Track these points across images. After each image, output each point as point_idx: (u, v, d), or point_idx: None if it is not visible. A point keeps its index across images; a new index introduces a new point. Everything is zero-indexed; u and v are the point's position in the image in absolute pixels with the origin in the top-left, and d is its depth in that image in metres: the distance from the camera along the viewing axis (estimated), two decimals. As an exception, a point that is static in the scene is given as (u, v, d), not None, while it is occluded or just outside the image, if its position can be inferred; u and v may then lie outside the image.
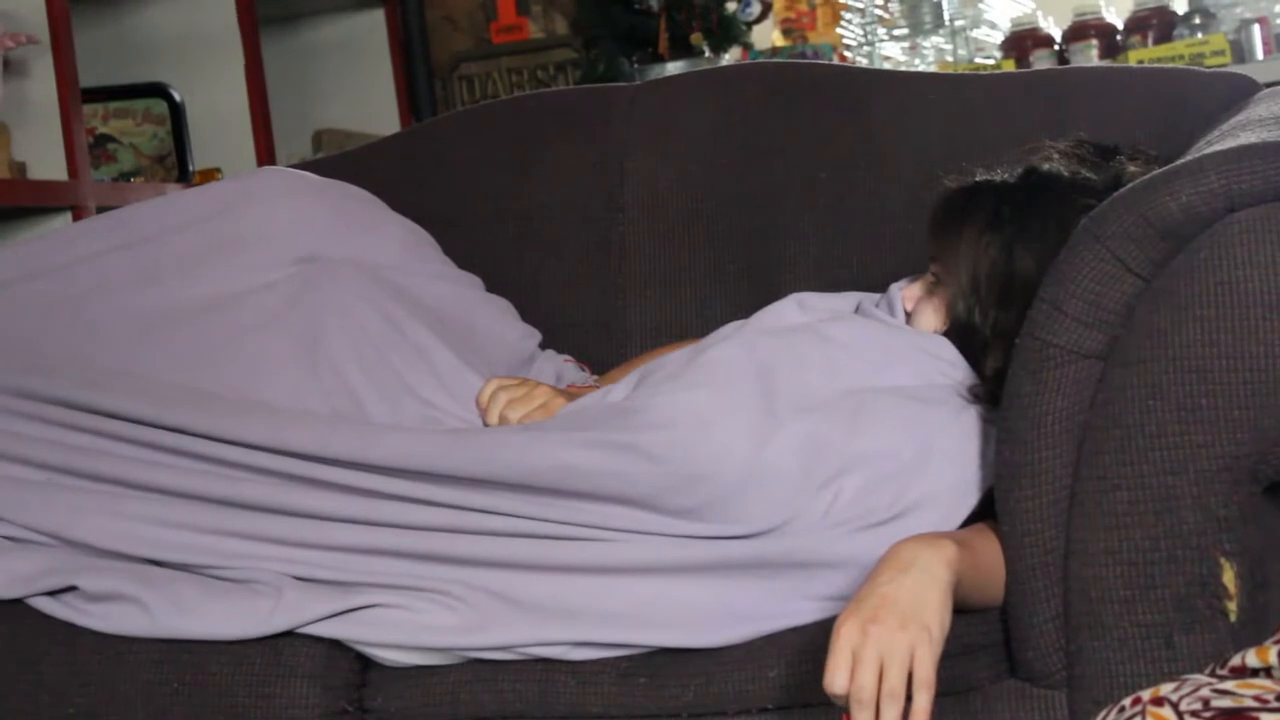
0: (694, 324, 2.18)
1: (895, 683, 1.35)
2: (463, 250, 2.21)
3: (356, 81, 4.41)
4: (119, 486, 1.79)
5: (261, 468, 1.74)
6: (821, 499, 1.64)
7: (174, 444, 1.77)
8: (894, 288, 1.88)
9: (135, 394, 1.79)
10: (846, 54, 4.55)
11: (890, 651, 1.36)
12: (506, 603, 1.67)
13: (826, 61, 4.29)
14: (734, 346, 1.73)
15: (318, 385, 1.85)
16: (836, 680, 1.36)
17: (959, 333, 1.77)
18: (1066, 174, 1.77)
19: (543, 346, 2.17)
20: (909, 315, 1.84)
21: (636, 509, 1.65)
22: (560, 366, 2.13)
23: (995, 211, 1.77)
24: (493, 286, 2.19)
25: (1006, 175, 1.82)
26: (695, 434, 1.63)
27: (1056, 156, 1.81)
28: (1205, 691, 1.05)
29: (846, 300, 1.92)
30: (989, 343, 1.73)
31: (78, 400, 1.80)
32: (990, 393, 1.68)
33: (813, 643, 1.56)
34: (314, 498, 1.72)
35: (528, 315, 2.18)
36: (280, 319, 1.90)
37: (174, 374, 1.86)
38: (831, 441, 1.64)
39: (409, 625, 1.67)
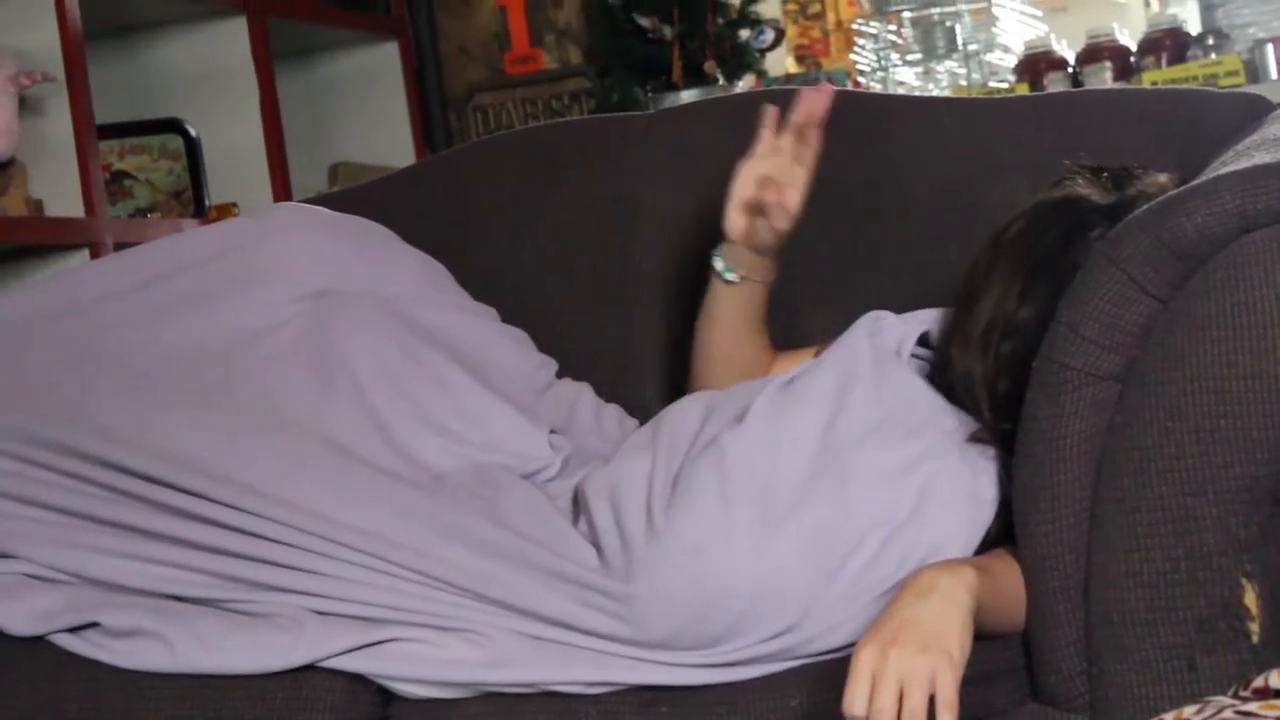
0: (711, 352, 2.17)
1: (916, 705, 1.35)
2: (478, 282, 2.21)
3: (371, 114, 4.41)
4: (138, 533, 1.78)
5: (280, 540, 1.73)
6: (834, 588, 1.62)
7: (192, 508, 1.75)
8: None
9: (152, 452, 1.77)
10: (860, 80, 4.56)
11: (911, 675, 1.36)
12: (530, 640, 1.67)
13: (840, 88, 4.30)
14: (709, 455, 1.69)
15: (338, 416, 1.86)
16: (856, 703, 1.36)
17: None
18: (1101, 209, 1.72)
19: (559, 375, 2.17)
20: None
21: (657, 650, 1.64)
22: (574, 395, 2.12)
23: (1032, 268, 1.70)
24: (508, 317, 2.19)
25: (1053, 227, 1.72)
26: (695, 563, 1.62)
27: (1095, 197, 1.74)
28: (1228, 713, 1.05)
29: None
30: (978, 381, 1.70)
31: (96, 455, 1.79)
32: (993, 428, 1.67)
33: (834, 670, 1.55)
34: (337, 565, 1.71)
35: (543, 345, 2.18)
36: (298, 353, 1.90)
37: (193, 405, 1.86)
38: (830, 526, 1.62)
39: (432, 660, 1.67)
